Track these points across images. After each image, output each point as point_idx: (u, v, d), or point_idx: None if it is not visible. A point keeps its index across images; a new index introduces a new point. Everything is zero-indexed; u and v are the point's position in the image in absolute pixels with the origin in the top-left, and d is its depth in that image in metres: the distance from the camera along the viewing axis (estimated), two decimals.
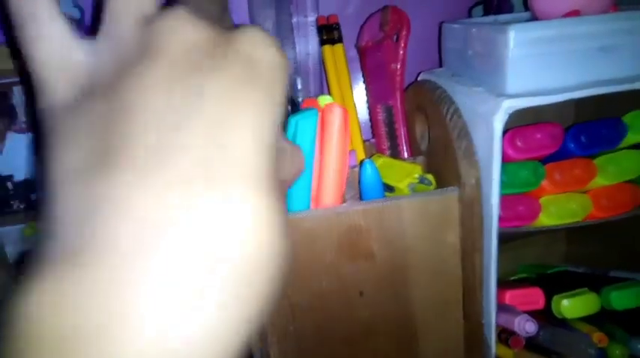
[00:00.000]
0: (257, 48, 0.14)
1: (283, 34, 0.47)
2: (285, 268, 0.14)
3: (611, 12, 0.38)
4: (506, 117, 0.33)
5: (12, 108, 0.46)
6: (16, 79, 0.45)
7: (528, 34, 0.34)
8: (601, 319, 0.39)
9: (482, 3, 0.47)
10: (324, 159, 0.35)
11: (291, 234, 0.35)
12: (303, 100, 0.42)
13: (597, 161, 0.38)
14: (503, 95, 0.34)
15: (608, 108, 0.40)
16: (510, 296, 0.40)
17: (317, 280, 0.36)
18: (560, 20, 0.36)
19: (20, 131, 0.47)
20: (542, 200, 0.37)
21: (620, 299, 0.39)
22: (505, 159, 0.35)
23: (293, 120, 0.36)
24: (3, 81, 0.45)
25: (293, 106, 0.44)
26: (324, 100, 0.38)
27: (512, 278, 0.46)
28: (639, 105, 0.38)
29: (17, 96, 0.46)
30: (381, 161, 0.41)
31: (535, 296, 0.40)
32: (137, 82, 0.13)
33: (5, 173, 0.48)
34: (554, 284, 0.41)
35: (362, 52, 0.47)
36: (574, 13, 0.37)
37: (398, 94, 0.43)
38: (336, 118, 0.34)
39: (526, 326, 0.37)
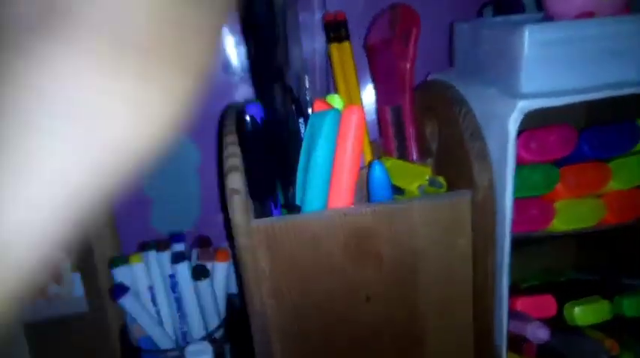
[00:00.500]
0: None
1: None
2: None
3: (624, 14, 0.37)
4: (521, 117, 0.33)
5: None
6: None
7: (543, 35, 0.33)
8: (613, 326, 0.39)
9: (492, 3, 0.46)
10: (339, 160, 0.34)
11: (297, 235, 0.34)
12: (311, 100, 0.41)
13: (611, 165, 0.37)
14: (517, 96, 0.33)
15: (620, 110, 0.39)
16: (522, 304, 0.39)
17: (322, 282, 0.35)
18: (575, 21, 0.36)
19: None
20: (556, 204, 0.37)
21: (633, 306, 0.38)
22: (518, 162, 0.34)
23: (313, 119, 0.35)
24: None
25: (298, 105, 0.43)
26: (333, 100, 0.37)
27: (524, 285, 0.45)
28: None
29: None
30: (390, 163, 0.40)
31: (547, 304, 0.39)
32: None
33: None
34: (566, 291, 0.41)
35: (370, 51, 0.46)
36: (588, 15, 0.36)
37: (407, 94, 0.42)
38: (354, 120, 0.33)
39: (538, 333, 0.36)
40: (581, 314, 0.38)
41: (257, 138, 0.36)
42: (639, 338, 0.38)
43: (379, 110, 0.46)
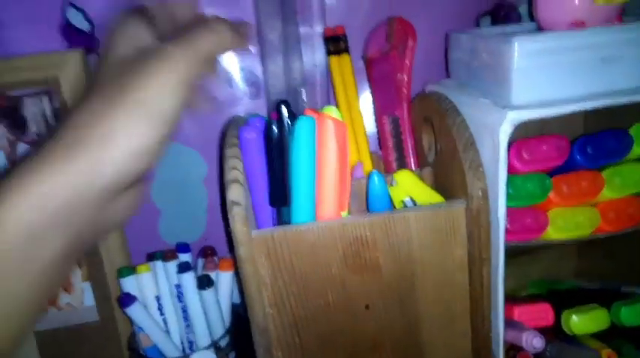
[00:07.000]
0: None
1: (290, 45, 0.47)
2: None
3: (616, 23, 0.37)
4: (512, 128, 0.33)
5: (23, 120, 0.46)
6: (28, 92, 0.46)
7: (533, 45, 0.34)
8: (611, 335, 0.39)
9: (489, 13, 0.47)
10: (321, 170, 0.34)
11: (296, 245, 0.35)
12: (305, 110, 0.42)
13: (604, 173, 0.37)
14: (508, 106, 0.34)
15: (618, 119, 0.39)
16: (519, 312, 0.39)
17: (322, 292, 0.36)
18: (565, 31, 0.36)
19: (30, 142, 0.47)
20: (550, 213, 0.37)
21: (630, 315, 0.38)
22: (512, 171, 0.35)
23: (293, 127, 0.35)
24: (14, 93, 0.45)
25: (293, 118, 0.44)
26: (329, 111, 0.38)
27: (522, 294, 0.45)
28: None
29: (28, 107, 0.46)
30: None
31: (544, 312, 0.39)
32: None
33: None
34: (564, 299, 0.41)
35: (368, 63, 0.47)
36: (579, 24, 0.37)
37: (404, 105, 0.43)
38: (328, 130, 0.34)
39: (534, 342, 0.36)
40: (579, 322, 0.38)
41: (279, 143, 0.36)
42: (637, 347, 0.38)
43: (378, 121, 0.47)
